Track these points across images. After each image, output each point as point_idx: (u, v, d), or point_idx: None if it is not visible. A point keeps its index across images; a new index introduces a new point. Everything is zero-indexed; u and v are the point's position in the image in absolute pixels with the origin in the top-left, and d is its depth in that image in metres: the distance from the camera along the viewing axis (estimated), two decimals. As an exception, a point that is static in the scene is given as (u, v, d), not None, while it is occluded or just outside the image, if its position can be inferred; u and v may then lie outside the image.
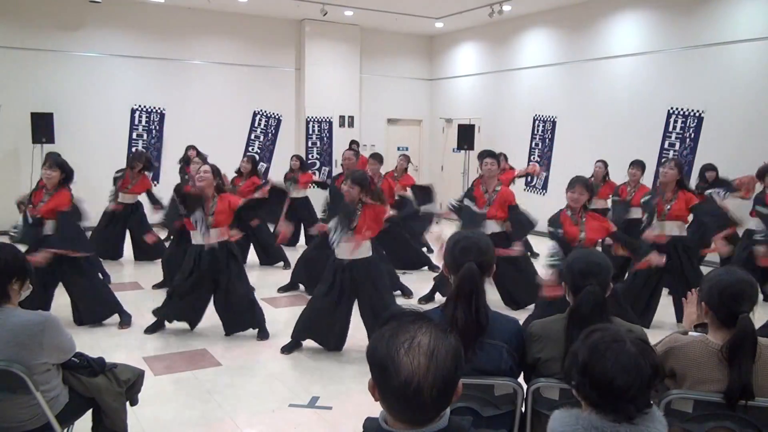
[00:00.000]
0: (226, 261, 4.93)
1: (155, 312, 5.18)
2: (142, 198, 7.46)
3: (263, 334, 5.12)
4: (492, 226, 5.77)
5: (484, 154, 5.98)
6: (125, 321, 5.33)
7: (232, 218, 4.96)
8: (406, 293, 6.50)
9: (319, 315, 4.74)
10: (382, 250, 6.99)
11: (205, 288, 4.99)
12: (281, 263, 7.82)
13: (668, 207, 5.36)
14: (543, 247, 7.69)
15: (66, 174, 5.03)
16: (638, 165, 7.28)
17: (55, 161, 5.06)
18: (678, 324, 5.36)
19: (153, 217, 7.01)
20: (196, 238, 4.90)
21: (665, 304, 5.61)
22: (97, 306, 5.27)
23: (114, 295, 5.41)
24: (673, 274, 5.36)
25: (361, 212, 4.61)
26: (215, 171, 4.96)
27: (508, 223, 5.85)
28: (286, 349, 4.83)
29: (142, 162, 7.44)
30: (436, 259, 7.23)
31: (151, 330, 5.17)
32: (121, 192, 7.38)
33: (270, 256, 7.84)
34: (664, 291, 5.63)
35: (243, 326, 5.13)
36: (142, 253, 7.77)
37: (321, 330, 4.79)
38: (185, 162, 8.28)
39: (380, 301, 4.63)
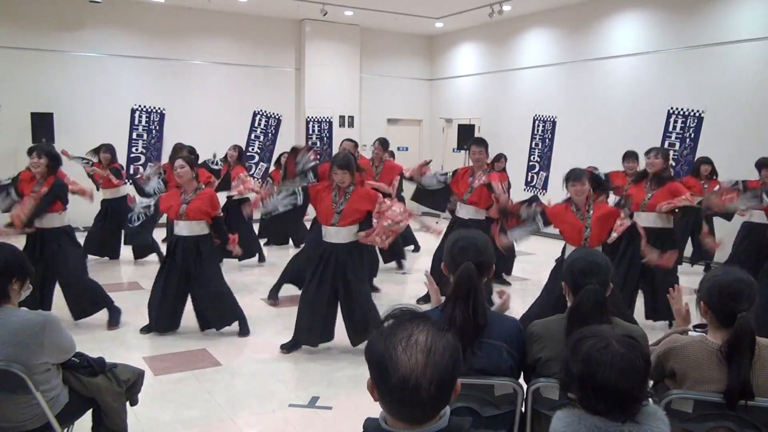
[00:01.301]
0: (197, 256, 4.93)
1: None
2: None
3: (244, 330, 5.12)
4: (470, 212, 5.79)
5: (470, 142, 5.93)
6: (114, 321, 5.28)
7: (207, 216, 4.97)
8: (375, 290, 6.43)
9: (307, 310, 4.70)
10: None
11: (178, 286, 4.96)
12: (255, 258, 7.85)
13: (649, 196, 5.28)
14: (543, 247, 7.69)
15: (54, 161, 5.09)
16: (633, 157, 6.98)
17: (43, 149, 5.11)
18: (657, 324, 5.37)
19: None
20: (178, 227, 4.97)
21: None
22: (86, 302, 5.22)
23: (103, 291, 5.33)
24: (645, 269, 5.28)
25: (351, 195, 4.59)
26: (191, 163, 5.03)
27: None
28: (286, 348, 4.82)
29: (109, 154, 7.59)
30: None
31: (146, 330, 5.15)
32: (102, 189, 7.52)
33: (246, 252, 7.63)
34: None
35: (217, 324, 5.09)
36: (137, 252, 7.78)
37: (310, 327, 4.71)
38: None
39: (355, 291, 4.58)
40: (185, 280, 4.95)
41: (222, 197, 6.01)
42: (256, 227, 8.40)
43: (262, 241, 8.56)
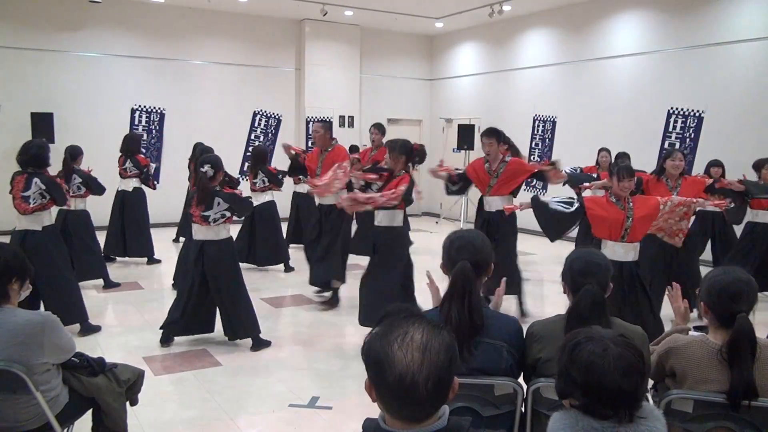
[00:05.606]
0: (224, 261, 4.77)
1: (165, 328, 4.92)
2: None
3: (257, 346, 4.89)
4: (496, 203, 5.68)
5: (483, 133, 5.90)
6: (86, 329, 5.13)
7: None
8: None
9: (372, 294, 4.79)
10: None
11: (206, 291, 4.77)
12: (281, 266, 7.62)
13: (674, 194, 5.34)
14: (543, 247, 7.70)
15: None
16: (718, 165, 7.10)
17: None
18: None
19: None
20: (198, 233, 4.73)
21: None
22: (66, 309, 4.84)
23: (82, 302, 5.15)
24: (672, 267, 5.33)
25: (393, 180, 4.81)
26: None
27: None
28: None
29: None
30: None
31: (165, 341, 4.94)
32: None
33: (273, 257, 7.56)
34: None
35: (244, 334, 4.89)
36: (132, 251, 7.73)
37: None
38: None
39: (383, 271, 4.70)
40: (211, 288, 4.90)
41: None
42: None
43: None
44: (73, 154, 6.44)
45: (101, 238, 7.00)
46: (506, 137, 6.05)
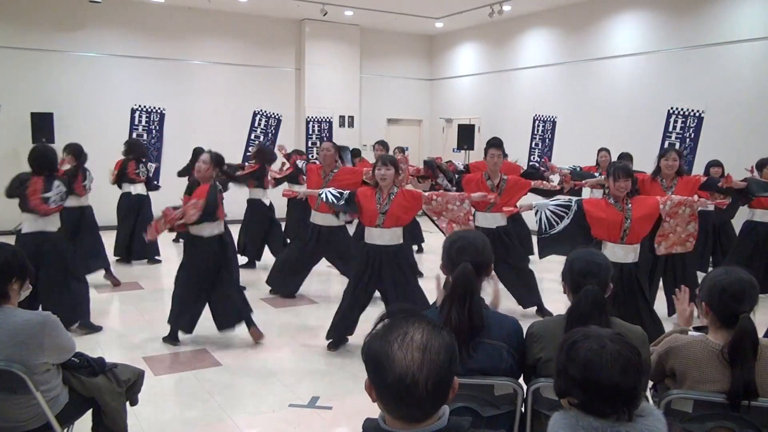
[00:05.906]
0: (224, 254, 4.86)
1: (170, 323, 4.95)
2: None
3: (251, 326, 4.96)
4: (497, 220, 5.65)
5: (489, 144, 5.65)
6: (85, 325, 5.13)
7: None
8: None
9: (351, 309, 4.77)
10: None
11: (203, 288, 4.80)
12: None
13: (669, 194, 5.32)
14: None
15: None
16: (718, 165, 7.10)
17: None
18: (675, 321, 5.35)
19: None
20: (215, 228, 4.78)
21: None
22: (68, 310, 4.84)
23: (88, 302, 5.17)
24: (667, 266, 5.34)
25: (395, 196, 4.61)
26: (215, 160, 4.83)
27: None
28: (333, 345, 4.88)
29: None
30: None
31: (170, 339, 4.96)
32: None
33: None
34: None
35: (234, 321, 4.93)
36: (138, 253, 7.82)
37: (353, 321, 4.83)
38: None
39: (407, 290, 4.61)
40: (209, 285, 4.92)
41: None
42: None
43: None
44: (79, 152, 6.47)
45: (109, 239, 7.02)
46: None
